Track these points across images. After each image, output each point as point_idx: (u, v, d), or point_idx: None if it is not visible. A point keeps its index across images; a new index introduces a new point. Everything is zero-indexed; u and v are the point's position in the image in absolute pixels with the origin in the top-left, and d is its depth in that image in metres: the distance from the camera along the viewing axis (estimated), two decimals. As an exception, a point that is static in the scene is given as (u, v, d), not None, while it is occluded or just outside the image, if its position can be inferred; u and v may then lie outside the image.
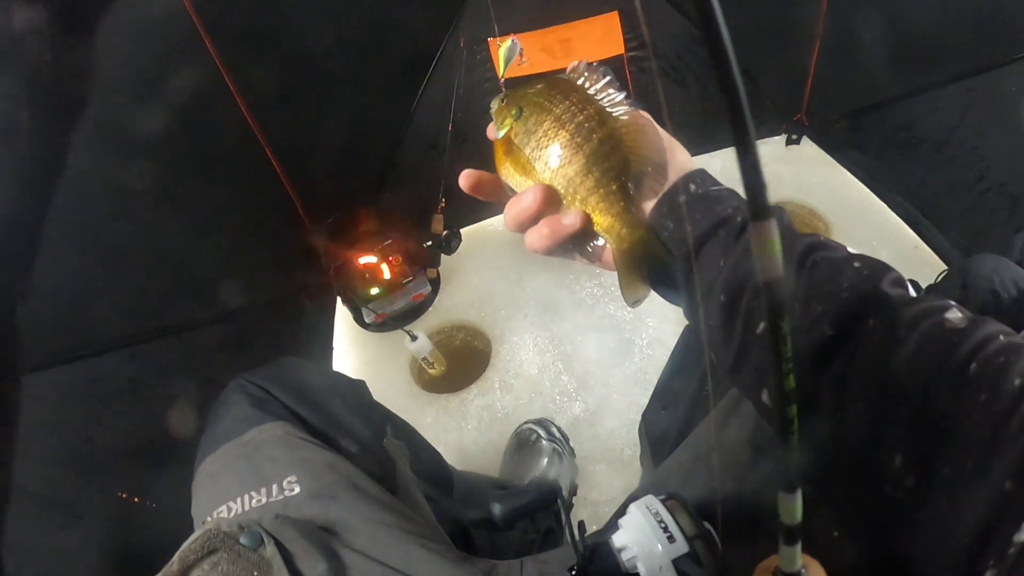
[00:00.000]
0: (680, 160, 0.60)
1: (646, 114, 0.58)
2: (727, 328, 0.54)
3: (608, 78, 0.58)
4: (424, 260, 1.73)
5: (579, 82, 0.58)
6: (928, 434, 0.42)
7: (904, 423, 0.44)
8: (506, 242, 1.88)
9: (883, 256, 0.52)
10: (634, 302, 0.59)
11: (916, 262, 1.68)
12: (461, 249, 1.77)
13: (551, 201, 0.57)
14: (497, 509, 0.66)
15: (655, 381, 1.51)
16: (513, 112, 0.60)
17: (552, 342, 1.66)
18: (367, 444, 0.86)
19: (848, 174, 1.94)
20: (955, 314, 0.46)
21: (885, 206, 1.85)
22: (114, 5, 1.04)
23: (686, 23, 1.78)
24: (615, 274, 0.60)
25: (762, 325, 0.51)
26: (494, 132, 0.62)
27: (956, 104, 1.63)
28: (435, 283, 1.79)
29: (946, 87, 1.63)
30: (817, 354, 0.48)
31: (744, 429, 0.69)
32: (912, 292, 0.50)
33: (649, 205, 0.58)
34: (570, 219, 0.56)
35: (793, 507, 0.36)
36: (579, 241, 0.59)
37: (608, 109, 0.57)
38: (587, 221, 0.57)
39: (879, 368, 0.45)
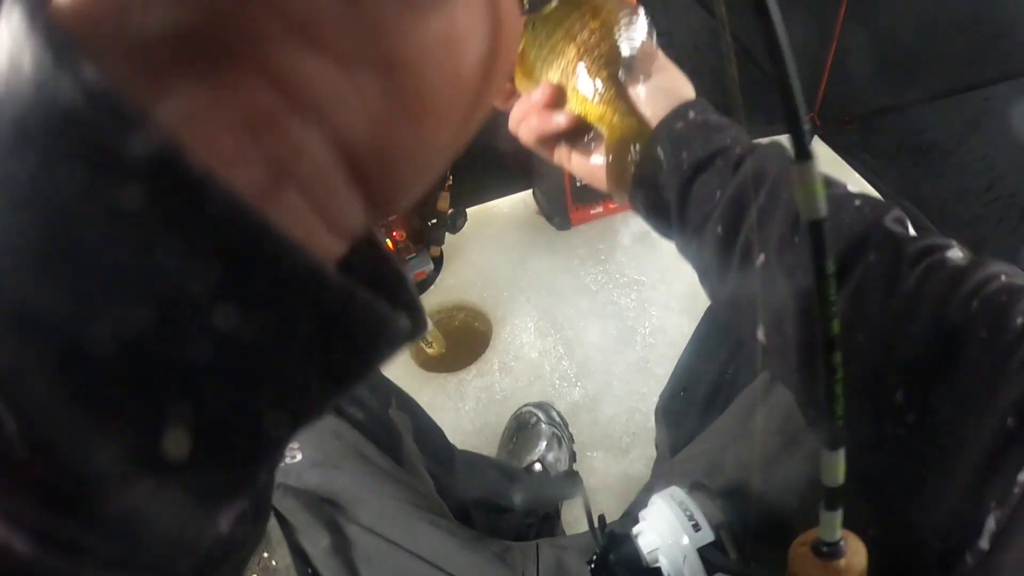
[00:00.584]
0: (682, 89, 0.60)
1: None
2: (723, 261, 0.53)
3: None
4: (428, 237, 1.70)
5: None
6: (929, 370, 0.42)
7: (905, 359, 0.44)
8: (511, 223, 1.86)
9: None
10: (620, 197, 0.60)
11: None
12: (466, 229, 1.74)
13: (554, 99, 0.59)
14: (519, 499, 0.64)
15: (657, 370, 1.50)
16: (529, 28, 0.62)
17: (554, 326, 1.64)
18: (374, 412, 0.83)
19: (857, 176, 1.93)
20: (956, 253, 0.46)
21: (893, 209, 1.84)
22: None
23: (703, 12, 1.76)
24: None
25: (762, 257, 0.51)
26: None
27: (969, 113, 1.62)
28: (438, 261, 1.76)
29: (960, 95, 1.63)
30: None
31: (773, 418, 0.68)
32: (912, 231, 0.49)
33: (634, 91, 0.58)
34: (561, 117, 0.59)
35: (835, 466, 0.35)
36: (571, 137, 0.62)
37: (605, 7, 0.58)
38: (576, 121, 0.59)
39: (880, 303, 0.45)
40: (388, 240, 1.64)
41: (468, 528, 0.77)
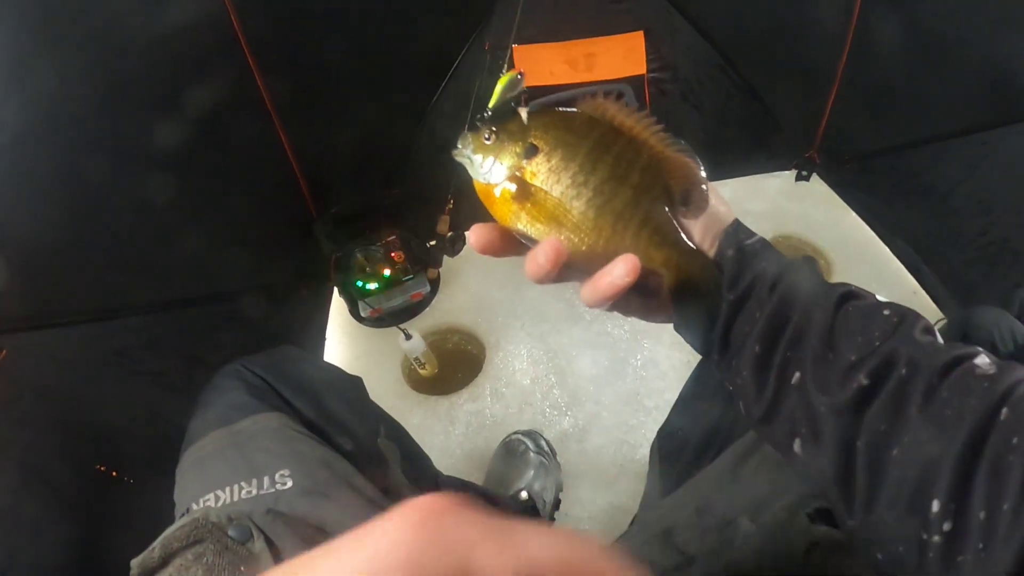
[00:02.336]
0: (721, 210, 0.58)
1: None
2: (760, 379, 0.54)
3: (629, 103, 0.54)
4: (426, 260, 1.72)
5: (602, 111, 0.54)
6: (963, 479, 0.43)
7: (939, 469, 0.44)
8: (509, 249, 1.87)
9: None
10: (671, 322, 0.58)
11: (914, 308, 1.68)
12: (464, 253, 1.76)
13: (632, 271, 0.51)
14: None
15: (646, 402, 1.51)
16: (517, 151, 0.54)
17: (547, 354, 1.65)
18: (362, 442, 0.84)
19: (854, 215, 1.95)
20: (984, 360, 0.47)
21: (888, 250, 1.86)
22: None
23: (709, 48, 1.77)
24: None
25: (797, 375, 0.52)
26: (483, 177, 0.56)
27: (967, 156, 1.63)
28: (435, 284, 1.77)
29: (959, 139, 1.64)
30: (852, 404, 0.48)
31: (764, 467, 0.68)
32: (940, 340, 0.50)
33: (692, 227, 0.56)
34: (622, 268, 0.51)
35: None
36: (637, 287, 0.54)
37: (638, 135, 0.53)
38: (638, 265, 0.52)
39: (914, 417, 0.46)
40: (387, 260, 1.65)
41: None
